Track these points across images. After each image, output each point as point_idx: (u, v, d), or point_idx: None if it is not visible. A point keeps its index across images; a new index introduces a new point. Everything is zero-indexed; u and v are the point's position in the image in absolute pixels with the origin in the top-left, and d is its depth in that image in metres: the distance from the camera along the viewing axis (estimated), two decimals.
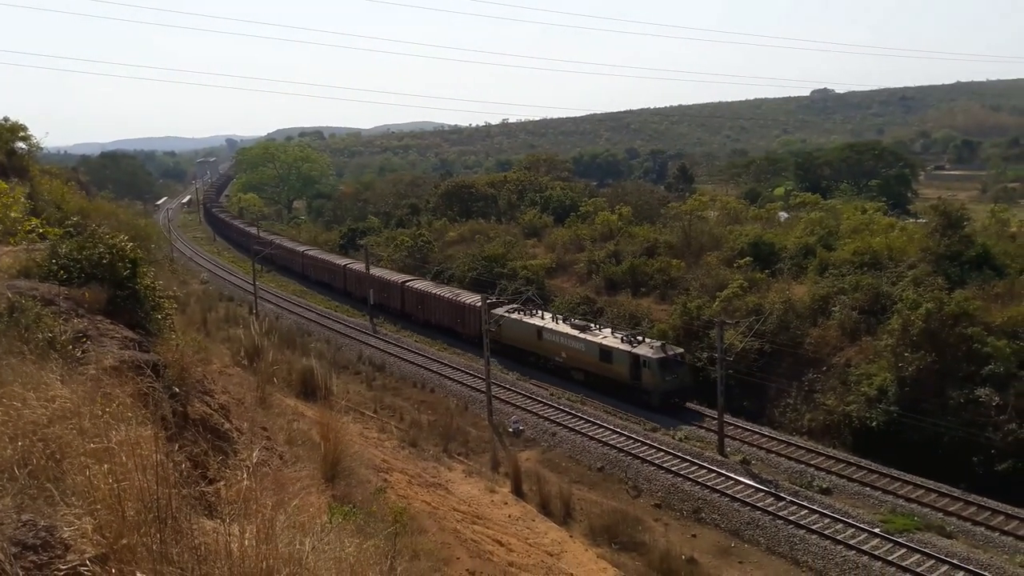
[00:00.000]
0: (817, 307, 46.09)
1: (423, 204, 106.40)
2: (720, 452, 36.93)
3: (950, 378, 35.63)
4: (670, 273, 57.40)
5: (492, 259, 68.03)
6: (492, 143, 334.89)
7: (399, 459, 32.03)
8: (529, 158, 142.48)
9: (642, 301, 56.40)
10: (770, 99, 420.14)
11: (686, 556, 28.19)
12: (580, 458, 38.27)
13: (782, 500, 32.07)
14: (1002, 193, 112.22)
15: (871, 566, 27.22)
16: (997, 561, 26.77)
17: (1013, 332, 36.95)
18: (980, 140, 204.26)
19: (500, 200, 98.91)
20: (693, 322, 48.32)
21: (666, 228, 69.95)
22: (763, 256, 55.12)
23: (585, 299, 59.35)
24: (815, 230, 57.31)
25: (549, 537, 29.16)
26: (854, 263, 48.59)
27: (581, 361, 46.24)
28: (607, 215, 73.97)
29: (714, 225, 69.30)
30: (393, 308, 67.49)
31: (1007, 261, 44.91)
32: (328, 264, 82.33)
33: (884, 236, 52.97)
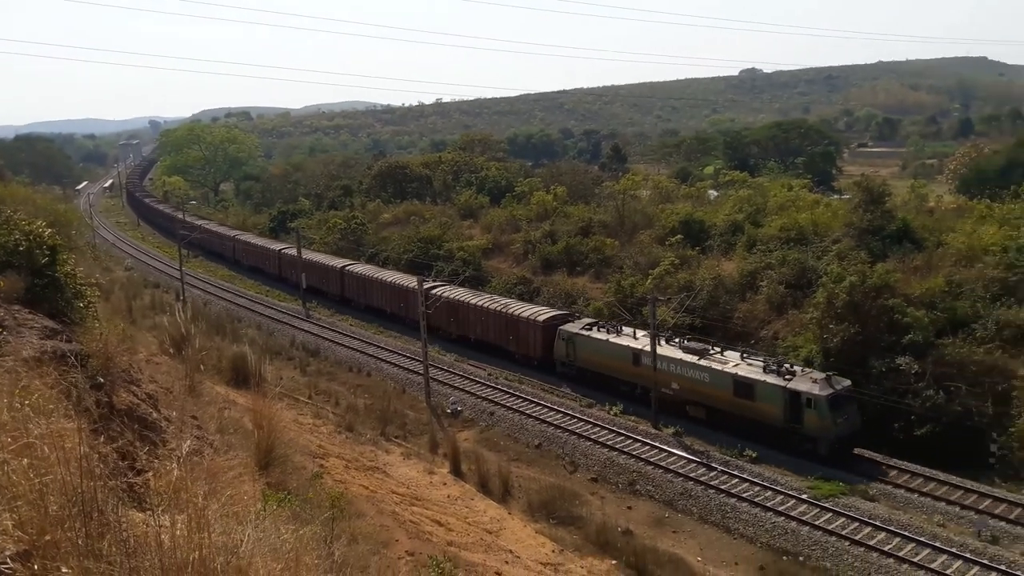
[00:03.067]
0: (746, 282, 47.35)
1: (356, 185, 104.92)
2: (654, 425, 37.73)
3: (872, 348, 37.06)
4: (605, 252, 58.08)
5: (428, 241, 67.70)
6: (426, 123, 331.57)
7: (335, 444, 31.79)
8: (464, 138, 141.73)
9: (578, 280, 56.96)
10: (700, 79, 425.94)
11: (622, 528, 28.81)
12: (518, 436, 38.62)
13: (714, 470, 33.02)
14: (921, 169, 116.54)
15: (799, 531, 28.30)
16: (916, 521, 28.11)
17: (931, 303, 38.66)
18: (900, 118, 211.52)
19: (435, 181, 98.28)
20: (627, 299, 49.08)
21: (600, 207, 70.65)
22: (694, 234, 56.23)
23: (522, 279, 59.66)
24: (743, 207, 58.70)
25: (488, 515, 29.39)
26: (781, 239, 49.99)
27: (703, 395, 36.75)
28: (543, 195, 74.25)
29: (647, 204, 70.35)
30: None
31: (925, 235, 46.84)
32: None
33: (810, 212, 54.60)
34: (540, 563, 25.52)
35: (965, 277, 40.06)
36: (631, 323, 42.79)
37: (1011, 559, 25.41)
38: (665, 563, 26.62)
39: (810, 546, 27.52)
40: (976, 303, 37.85)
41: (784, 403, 33.26)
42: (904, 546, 26.66)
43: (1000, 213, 47.64)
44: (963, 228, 45.92)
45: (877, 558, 26.25)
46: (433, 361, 46.84)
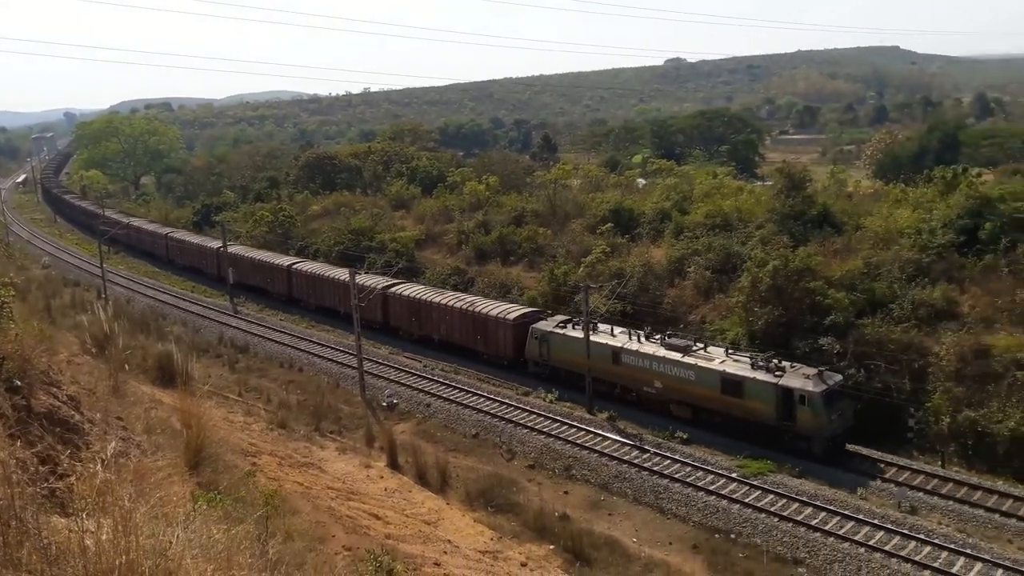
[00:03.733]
0: (674, 268, 48.32)
1: (283, 177, 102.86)
2: (589, 411, 38.24)
3: (796, 329, 38.32)
4: (537, 241, 58.42)
5: (359, 232, 66.92)
6: (354, 113, 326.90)
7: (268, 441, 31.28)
8: (394, 128, 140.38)
9: (512, 270, 57.17)
10: (627, 69, 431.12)
11: (559, 513, 29.18)
12: (455, 426, 38.64)
13: (647, 452, 33.69)
14: (839, 155, 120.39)
15: (730, 509, 29.12)
16: (840, 496, 29.23)
17: (850, 284, 40.14)
18: (819, 106, 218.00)
19: (365, 171, 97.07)
20: (560, 288, 49.57)
21: (532, 197, 70.96)
22: (623, 222, 57.00)
23: (456, 270, 59.57)
24: (671, 195, 59.73)
25: (426, 506, 29.38)
26: (707, 225, 51.10)
27: (688, 394, 35.50)
28: (475, 185, 74.15)
29: (577, 193, 70.92)
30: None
31: (844, 219, 48.49)
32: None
33: (734, 199, 55.95)
34: (479, 551, 25.66)
35: (882, 259, 41.67)
36: (607, 320, 41.17)
37: (929, 528, 26.69)
38: (601, 545, 27.09)
39: (741, 523, 28.36)
40: (893, 284, 39.45)
41: (776, 401, 32.10)
42: (829, 520, 27.71)
43: (914, 197, 49.63)
44: (880, 212, 47.72)
45: (804, 532, 27.22)
46: (367, 354, 46.42)
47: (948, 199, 45.44)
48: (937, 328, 36.49)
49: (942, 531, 26.52)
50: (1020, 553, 25.05)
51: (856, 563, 25.46)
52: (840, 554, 25.95)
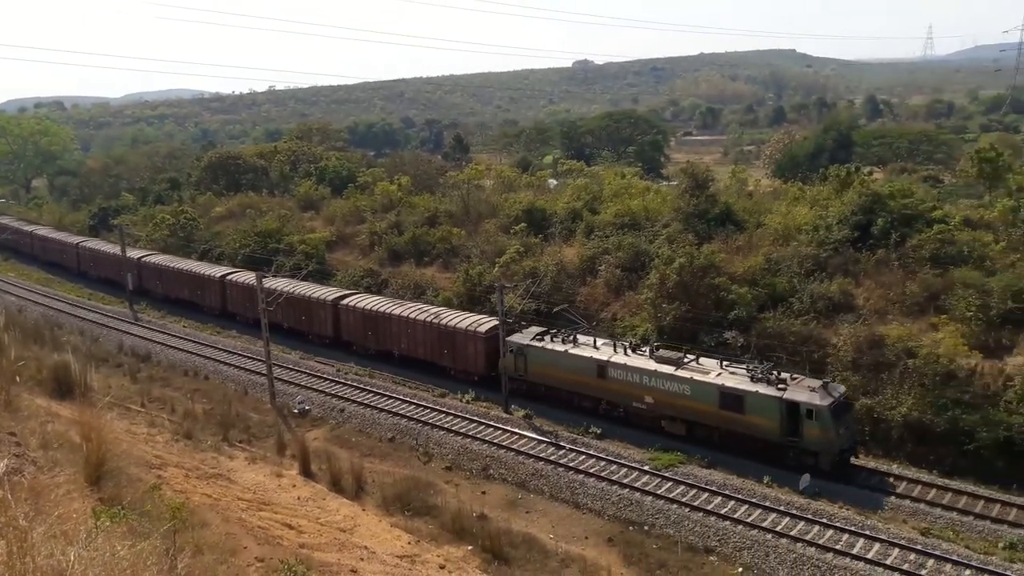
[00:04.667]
0: (586, 267, 49.09)
1: (184, 178, 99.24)
2: (505, 410, 38.42)
3: (702, 324, 39.50)
4: (452, 241, 58.31)
5: (266, 234, 65.24)
6: (259, 111, 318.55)
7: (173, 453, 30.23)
8: (301, 127, 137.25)
9: (426, 271, 56.89)
10: (536, 70, 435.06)
11: (477, 513, 29.22)
12: (370, 431, 38.18)
13: (562, 449, 34.12)
14: (740, 155, 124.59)
15: (643, 501, 29.78)
16: (748, 485, 30.30)
17: (753, 280, 41.65)
18: (721, 107, 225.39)
19: (272, 172, 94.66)
20: (475, 288, 49.63)
21: (445, 197, 70.71)
22: (536, 221, 57.51)
23: (369, 271, 58.83)
24: (581, 195, 60.58)
25: (341, 513, 28.94)
26: (616, 225, 52.08)
27: (683, 409, 33.77)
28: (386, 185, 73.35)
29: (490, 193, 71.08)
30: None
31: (746, 217, 50.23)
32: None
33: (641, 199, 57.16)
34: (396, 556, 25.44)
35: (782, 255, 43.39)
36: (589, 332, 39.37)
37: (832, 512, 27.97)
38: (519, 543, 27.28)
39: (654, 515, 29.04)
40: (792, 279, 41.14)
41: (780, 415, 30.73)
42: (738, 508, 28.70)
43: (811, 195, 51.83)
44: (779, 209, 49.62)
45: (715, 521, 28.10)
46: (276, 360, 45.37)
47: (843, 197, 47.63)
48: (834, 320, 38.27)
49: (843, 515, 27.83)
50: (915, 532, 26.52)
51: (764, 549, 26.44)
52: (749, 541, 26.89)
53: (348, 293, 50.54)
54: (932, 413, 31.56)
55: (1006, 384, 32.00)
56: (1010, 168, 52.65)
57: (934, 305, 37.01)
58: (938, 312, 36.47)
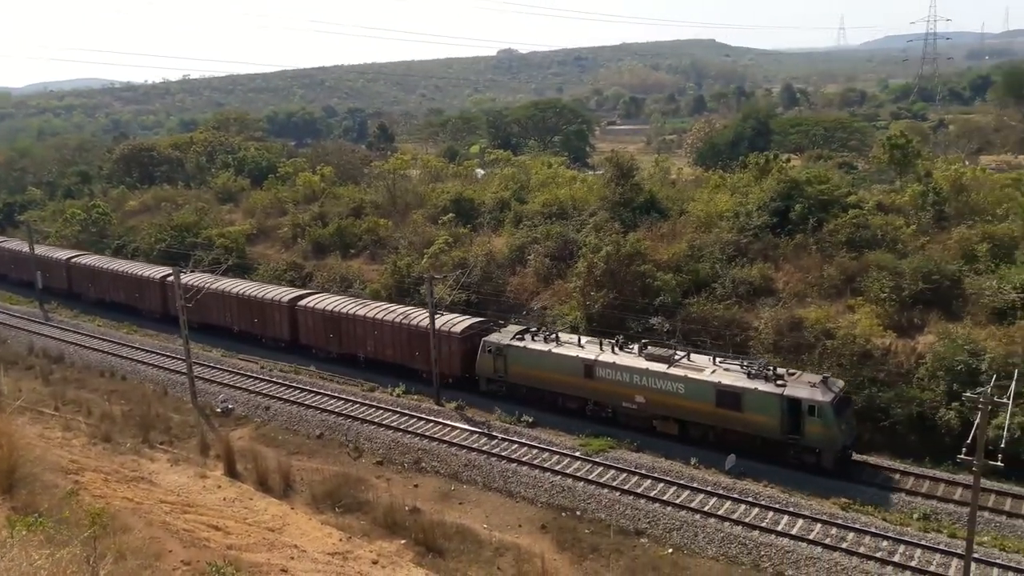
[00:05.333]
0: (515, 256, 49.17)
1: (95, 171, 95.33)
2: (437, 402, 38.21)
3: (629, 310, 40.03)
4: (378, 233, 57.58)
5: (183, 228, 63.15)
6: (173, 101, 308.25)
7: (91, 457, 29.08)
8: (217, 117, 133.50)
9: (352, 263, 56.05)
10: (460, 59, 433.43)
11: (409, 506, 29.03)
12: (298, 428, 37.45)
13: (495, 439, 34.14)
14: (663, 144, 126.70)
15: (575, 487, 30.05)
16: (676, 467, 30.89)
17: (677, 266, 42.42)
18: (644, 96, 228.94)
19: (187, 163, 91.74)
20: (404, 280, 49.15)
21: (371, 188, 69.78)
22: (464, 211, 57.28)
23: (292, 265, 57.61)
24: (509, 185, 60.64)
25: (269, 513, 28.36)
26: (544, 214, 52.31)
27: (677, 408, 32.70)
28: (309, 176, 71.91)
29: (417, 183, 70.48)
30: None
31: (670, 204, 51.09)
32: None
33: (568, 188, 57.57)
34: (328, 554, 25.07)
35: (705, 241, 44.30)
36: (571, 330, 38.22)
37: (757, 491, 28.77)
38: (453, 535, 27.20)
39: (585, 500, 29.35)
40: (715, 264, 42.06)
41: (781, 412, 29.87)
42: (667, 490, 29.25)
43: (731, 182, 53.06)
44: (701, 197, 50.65)
45: (645, 504, 28.57)
46: (197, 358, 44.07)
47: (762, 183, 48.90)
48: (756, 304, 39.31)
49: (768, 493, 28.65)
50: (836, 508, 27.50)
51: (693, 529, 27.02)
52: (678, 522, 27.45)
53: (306, 293, 47.70)
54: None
55: (918, 362, 33.44)
56: (919, 154, 54.93)
57: (850, 287, 38.38)
58: (854, 294, 37.83)
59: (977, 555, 22.98)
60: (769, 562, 25.18)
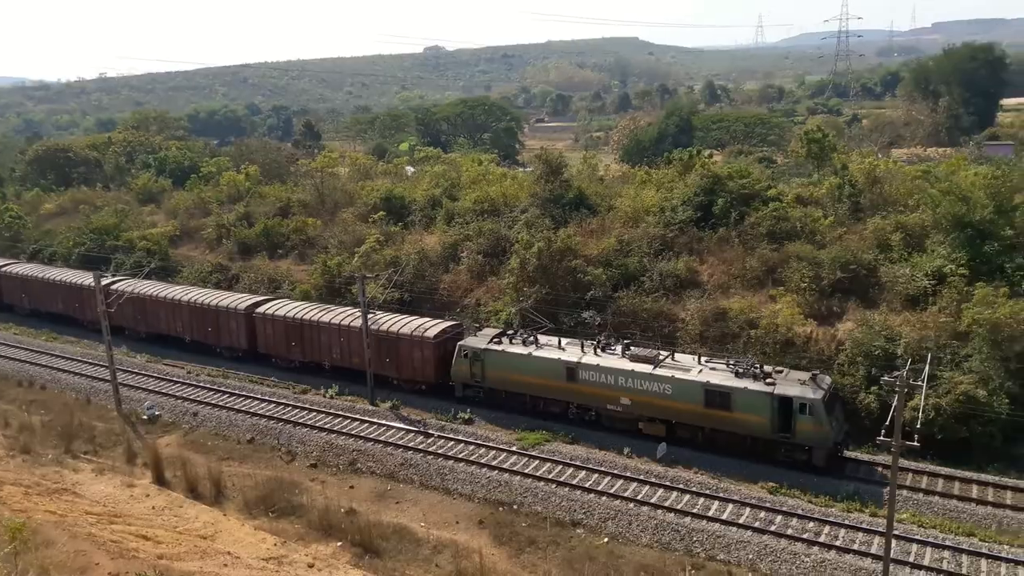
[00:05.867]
0: (448, 254, 49.16)
1: (7, 173, 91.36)
2: (371, 402, 37.95)
3: (562, 305, 40.51)
4: (307, 232, 56.75)
5: (103, 231, 61.05)
6: (89, 100, 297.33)
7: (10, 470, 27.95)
8: (136, 116, 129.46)
9: (280, 263, 55.10)
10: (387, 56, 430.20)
11: (345, 508, 28.80)
12: (228, 433, 36.70)
13: (431, 437, 34.13)
14: (590, 141, 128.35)
15: (511, 481, 30.29)
16: (610, 457, 31.43)
17: (607, 261, 43.10)
18: (571, 94, 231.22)
19: (106, 164, 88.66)
20: (335, 279, 48.59)
21: (298, 186, 68.66)
22: (395, 209, 56.94)
23: (218, 266, 56.30)
24: (440, 182, 60.51)
25: (201, 520, 27.77)
26: (476, 211, 52.42)
27: (664, 409, 32.03)
28: (233, 175, 70.33)
29: (346, 181, 69.66)
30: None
31: (598, 201, 51.81)
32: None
33: (499, 185, 57.77)
34: (262, 559, 24.72)
35: (633, 236, 45.11)
36: (548, 331, 37.10)
37: (688, 478, 29.51)
38: (390, 534, 27.13)
39: (522, 494, 29.62)
40: (643, 258, 42.89)
41: (772, 411, 29.45)
42: (601, 481, 29.75)
43: (657, 178, 54.13)
44: (628, 193, 51.55)
45: (580, 495, 29.01)
46: (121, 364, 42.73)
47: (686, 179, 50.05)
48: (682, 296, 40.29)
49: (698, 479, 29.43)
50: (764, 492, 28.42)
51: (627, 518, 27.57)
52: (613, 511, 27.97)
53: (264, 300, 45.38)
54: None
55: (838, 348, 34.80)
56: (835, 148, 57.01)
57: (771, 278, 39.67)
58: (775, 284, 39.11)
59: (897, 532, 24.08)
60: (701, 547, 25.89)
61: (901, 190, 44.88)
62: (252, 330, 44.03)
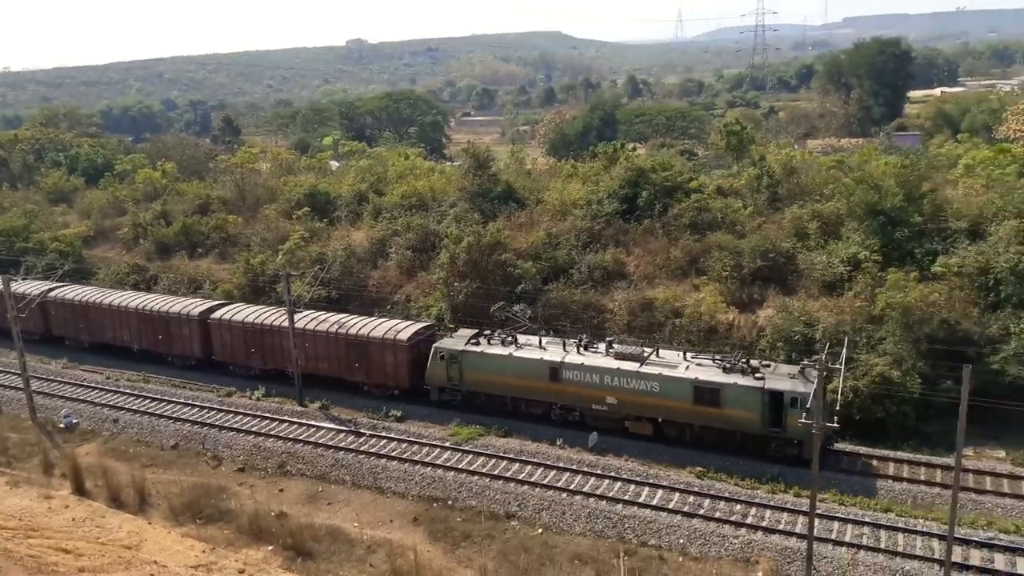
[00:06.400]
0: (376, 250, 48.67)
1: None
2: (300, 403, 37.31)
3: (493, 299, 40.55)
4: (228, 230, 55.37)
5: (11, 233, 58.30)
6: None
7: None
8: (45, 112, 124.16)
9: (201, 262, 53.62)
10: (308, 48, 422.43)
11: (275, 512, 28.28)
12: (151, 440, 35.58)
13: (363, 436, 33.78)
14: (517, 135, 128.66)
15: (445, 477, 30.24)
16: (543, 449, 31.66)
17: (536, 254, 43.37)
18: (496, 88, 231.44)
19: (13, 163, 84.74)
20: (259, 278, 47.58)
21: (217, 183, 66.89)
22: (320, 205, 56.03)
23: (135, 267, 54.43)
24: (366, 177, 59.80)
25: (124, 530, 26.88)
26: (404, 206, 52.03)
27: (652, 408, 31.47)
28: (149, 173, 68.09)
29: (268, 177, 68.18)
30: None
31: (526, 194, 52.06)
32: None
33: (427, 179, 57.47)
34: (190, 567, 24.11)
35: (561, 229, 45.51)
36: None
37: (619, 466, 29.98)
38: (323, 536, 26.77)
39: (457, 489, 29.59)
40: (571, 251, 43.34)
41: (762, 406, 29.09)
42: (535, 472, 29.97)
43: (583, 171, 54.68)
44: (555, 187, 51.93)
45: (514, 487, 29.15)
46: (35, 371, 40.90)
47: (611, 172, 50.75)
48: (610, 287, 40.87)
49: (629, 467, 29.92)
50: (692, 476, 29.09)
51: (560, 508, 27.85)
52: (546, 502, 28.21)
53: (219, 305, 43.11)
54: None
55: (759, 334, 35.88)
56: (753, 140, 58.66)
57: (695, 268, 40.63)
58: (699, 274, 40.07)
59: (820, 511, 24.98)
60: (633, 534, 26.35)
61: (817, 180, 46.41)
62: (207, 337, 41.93)
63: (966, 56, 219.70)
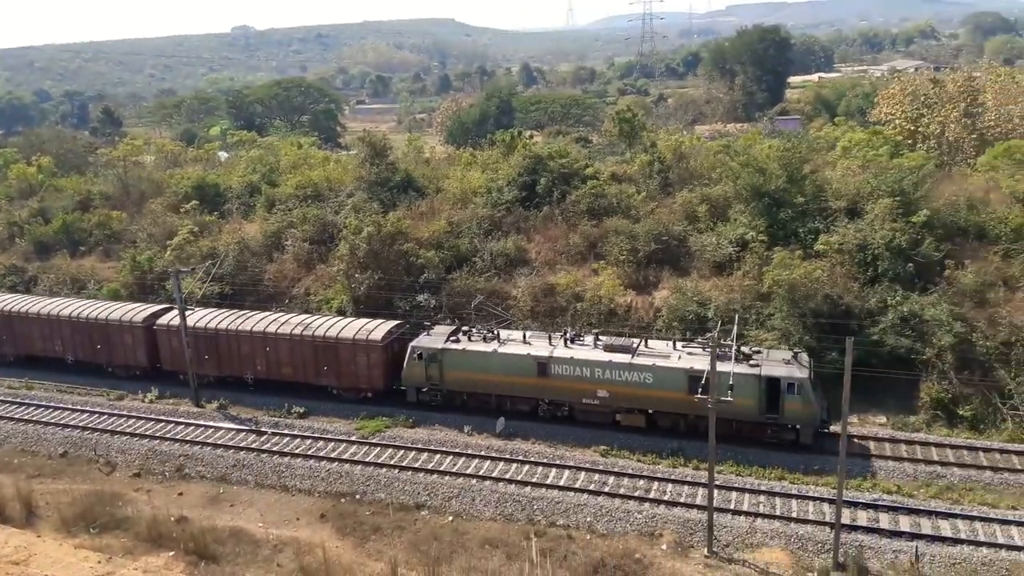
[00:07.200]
0: (271, 243, 47.33)
1: None
2: (196, 404, 36.10)
3: (395, 290, 40.28)
4: (111, 226, 52.75)
5: None
6: None
7: None
8: None
9: (84, 261, 50.93)
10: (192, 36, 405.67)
11: (175, 516, 27.38)
12: (36, 448, 33.75)
13: (264, 434, 33.02)
14: (413, 123, 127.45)
15: (352, 471, 29.94)
16: (451, 436, 31.79)
17: (438, 243, 43.21)
18: (390, 75, 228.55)
19: None
20: (146, 276, 45.61)
21: (99, 177, 63.51)
22: (209, 198, 54.07)
23: (12, 268, 51.24)
24: (257, 168, 57.98)
25: (11, 545, 25.49)
26: (299, 197, 50.71)
27: (645, 399, 30.92)
28: (23, 168, 64.08)
29: (152, 170, 65.19)
30: None
31: (426, 183, 51.70)
32: None
33: (322, 169, 56.21)
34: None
35: (462, 218, 45.48)
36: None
37: (526, 449, 30.44)
38: (227, 538, 26.09)
39: (364, 483, 29.37)
40: (473, 239, 43.40)
41: (759, 393, 29.01)
42: (443, 461, 30.07)
43: (482, 159, 54.72)
44: (455, 175, 51.76)
45: (423, 477, 29.18)
46: None
47: (509, 160, 50.99)
48: (513, 274, 41.19)
49: (536, 450, 30.43)
50: (596, 455, 29.83)
51: (470, 494, 28.07)
52: (456, 489, 28.37)
53: (164, 309, 40.01)
54: None
55: (656, 315, 37.00)
56: (644, 127, 60.03)
57: (593, 252, 41.43)
58: (597, 258, 40.90)
59: (718, 482, 26.08)
60: (542, 515, 26.84)
61: (705, 164, 47.96)
62: (153, 345, 39.19)
63: (840, 43, 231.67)
